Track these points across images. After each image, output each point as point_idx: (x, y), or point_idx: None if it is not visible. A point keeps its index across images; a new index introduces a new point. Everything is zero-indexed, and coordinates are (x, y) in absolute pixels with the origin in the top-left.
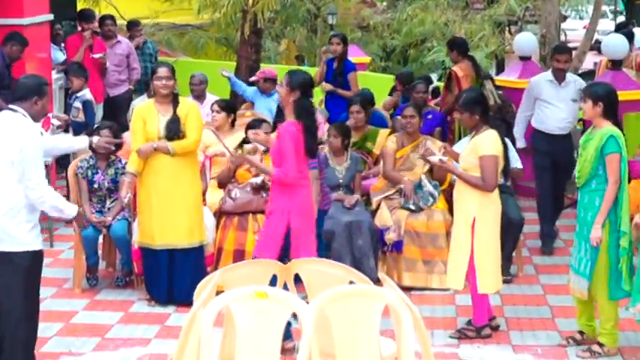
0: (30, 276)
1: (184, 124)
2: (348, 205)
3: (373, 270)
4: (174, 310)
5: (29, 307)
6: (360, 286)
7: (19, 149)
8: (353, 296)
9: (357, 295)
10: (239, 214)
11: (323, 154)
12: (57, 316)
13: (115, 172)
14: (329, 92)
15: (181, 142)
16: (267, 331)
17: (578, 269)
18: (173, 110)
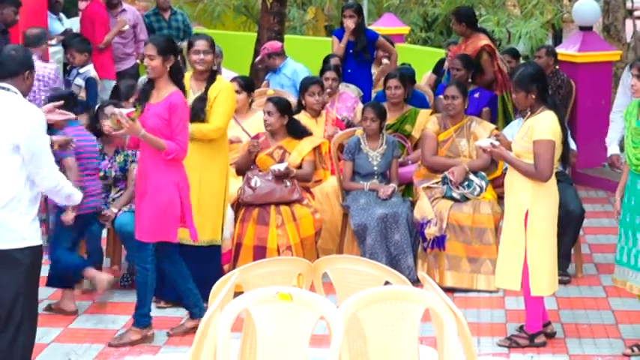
0: (31, 275)
1: (210, 107)
2: (383, 196)
3: (412, 269)
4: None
5: (30, 309)
6: (396, 288)
7: (25, 136)
8: (389, 299)
9: (393, 297)
10: (259, 205)
11: (355, 138)
12: (55, 320)
13: (125, 159)
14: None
15: (201, 126)
16: (291, 338)
17: (629, 263)
18: (205, 89)
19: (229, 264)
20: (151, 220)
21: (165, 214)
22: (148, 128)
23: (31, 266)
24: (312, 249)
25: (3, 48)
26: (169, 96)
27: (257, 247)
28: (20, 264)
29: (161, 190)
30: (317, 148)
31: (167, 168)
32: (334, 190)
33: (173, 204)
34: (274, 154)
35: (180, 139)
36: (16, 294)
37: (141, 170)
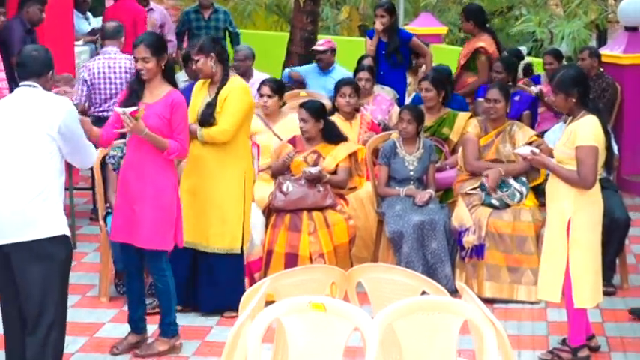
0: (65, 270)
1: (220, 109)
2: (419, 202)
3: (449, 278)
4: (216, 323)
5: (62, 307)
6: (434, 298)
7: (62, 122)
8: (426, 309)
9: (430, 308)
10: (291, 211)
11: (391, 142)
12: (80, 329)
13: None
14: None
15: (209, 130)
16: (324, 350)
17: None
18: (215, 94)
19: (260, 272)
20: (153, 224)
21: (165, 218)
22: (149, 127)
23: (65, 260)
24: (345, 257)
25: (24, 49)
26: (168, 94)
27: (288, 255)
28: (54, 258)
29: (163, 193)
30: (353, 155)
31: (166, 169)
32: (369, 196)
33: (172, 207)
34: (308, 158)
35: (181, 137)
36: (49, 291)
37: (136, 171)
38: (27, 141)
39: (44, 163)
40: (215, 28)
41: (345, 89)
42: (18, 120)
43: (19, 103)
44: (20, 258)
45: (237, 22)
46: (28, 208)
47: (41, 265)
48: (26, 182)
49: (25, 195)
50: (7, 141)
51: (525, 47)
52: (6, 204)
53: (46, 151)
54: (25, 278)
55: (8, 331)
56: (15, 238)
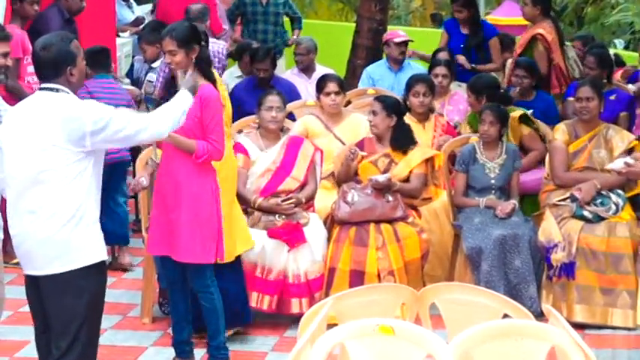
0: (96, 301)
1: None
2: (501, 214)
3: (535, 300)
4: (271, 348)
5: (92, 344)
6: (517, 322)
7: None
8: (508, 335)
9: (513, 333)
10: (357, 223)
11: (470, 146)
12: (120, 353)
13: None
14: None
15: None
16: None
17: None
18: None
19: (321, 291)
20: (191, 235)
21: (204, 228)
22: (179, 129)
23: (95, 293)
24: (417, 275)
25: (34, 47)
26: (199, 90)
27: (354, 272)
28: (83, 291)
29: (200, 201)
30: (429, 161)
31: (203, 174)
32: (444, 207)
33: (211, 216)
34: (379, 162)
35: (213, 137)
36: (79, 326)
37: (170, 178)
38: (51, 159)
39: (73, 184)
40: (274, 14)
41: (418, 87)
42: (38, 135)
43: (40, 110)
44: (49, 290)
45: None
46: (58, 237)
47: (70, 299)
48: (54, 207)
49: (55, 222)
50: (27, 160)
51: (622, 39)
52: (33, 232)
53: (74, 169)
54: (53, 311)
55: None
56: (45, 270)
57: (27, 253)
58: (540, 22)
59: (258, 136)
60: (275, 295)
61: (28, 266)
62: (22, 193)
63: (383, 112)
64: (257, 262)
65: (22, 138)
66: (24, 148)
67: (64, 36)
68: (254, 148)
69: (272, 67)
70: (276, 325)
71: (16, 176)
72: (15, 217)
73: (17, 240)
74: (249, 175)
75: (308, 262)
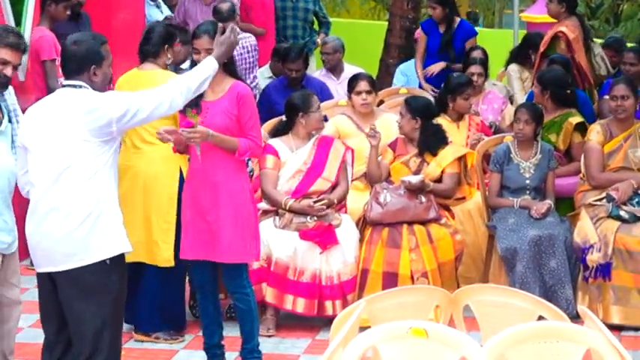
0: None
1: None
2: (536, 215)
3: (570, 302)
4: (303, 351)
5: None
6: (552, 324)
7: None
8: (543, 337)
9: (548, 335)
10: (390, 224)
11: (504, 146)
12: (152, 356)
13: None
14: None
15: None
16: None
17: None
18: None
19: (353, 293)
20: (231, 235)
21: (244, 227)
22: (216, 128)
23: (117, 289)
24: (451, 277)
25: (66, 41)
26: (232, 88)
27: (387, 274)
28: (104, 288)
29: (239, 199)
30: (462, 160)
31: (239, 172)
32: (478, 207)
33: (250, 215)
34: (410, 162)
35: (253, 134)
36: (101, 328)
37: (205, 179)
38: (76, 153)
39: (93, 180)
40: (304, 10)
41: (467, 90)
42: (63, 131)
43: (62, 107)
44: (68, 287)
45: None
46: (77, 234)
47: (90, 297)
48: (73, 205)
49: (73, 219)
50: (53, 157)
51: None
52: (53, 231)
53: (97, 163)
54: (74, 311)
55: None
56: (63, 266)
57: (45, 251)
58: (564, 20)
59: (290, 137)
60: (309, 298)
61: (45, 264)
62: (45, 192)
63: (408, 114)
64: (289, 264)
65: (46, 135)
66: (49, 145)
67: (97, 36)
68: (285, 149)
69: (304, 67)
70: (308, 327)
71: (42, 174)
72: (34, 216)
73: (35, 239)
74: (280, 176)
75: (340, 263)
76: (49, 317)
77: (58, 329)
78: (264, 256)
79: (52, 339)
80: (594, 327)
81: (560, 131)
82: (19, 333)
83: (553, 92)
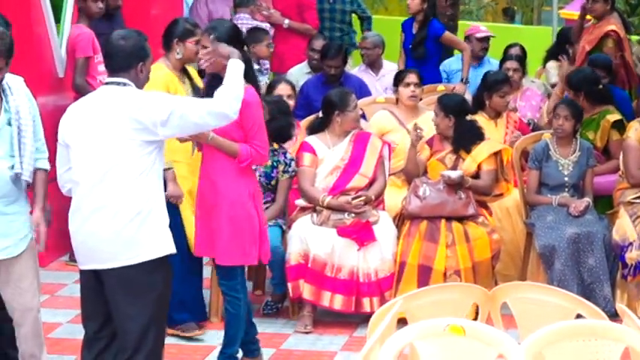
0: (164, 299)
1: None
2: (575, 212)
3: (609, 300)
4: (340, 348)
5: (155, 342)
6: (590, 322)
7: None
8: (581, 335)
9: (586, 333)
10: (428, 218)
11: (543, 143)
12: (189, 353)
13: (273, 165)
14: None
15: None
16: None
17: None
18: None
19: (390, 290)
20: (228, 238)
21: (241, 231)
22: (219, 132)
23: (162, 289)
24: (488, 275)
25: (111, 36)
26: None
27: (422, 267)
28: (150, 287)
29: (237, 204)
30: (498, 156)
31: (241, 177)
32: (516, 204)
33: (250, 219)
34: (446, 159)
35: (257, 142)
36: (147, 325)
37: (209, 181)
38: (122, 153)
39: (141, 179)
40: (341, 12)
41: (505, 88)
42: (109, 130)
43: (108, 104)
44: (115, 285)
45: (368, 6)
46: (125, 232)
47: (137, 295)
48: (121, 204)
49: (121, 218)
50: (98, 156)
51: None
52: (100, 230)
53: (143, 163)
54: (120, 308)
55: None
56: (110, 264)
57: (91, 249)
58: (609, 18)
59: (326, 134)
60: (347, 295)
61: (90, 261)
62: (91, 190)
63: (441, 112)
64: (327, 260)
65: (91, 134)
66: (94, 143)
67: (140, 32)
68: (321, 146)
69: (343, 64)
70: (346, 324)
71: (87, 172)
72: (78, 214)
73: (80, 237)
74: (317, 173)
75: (378, 260)
76: (92, 314)
77: (100, 326)
78: (301, 253)
79: (93, 335)
80: (633, 325)
81: (598, 129)
82: (57, 329)
83: (586, 92)
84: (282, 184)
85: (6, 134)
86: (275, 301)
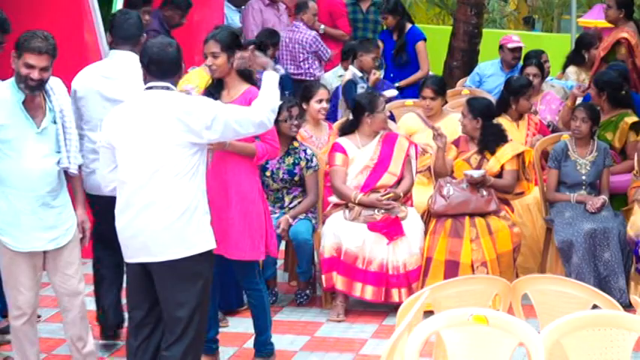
0: (208, 287)
1: None
2: (592, 209)
3: (623, 292)
4: (370, 335)
5: (203, 327)
6: (606, 312)
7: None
8: (597, 325)
9: (602, 323)
10: (453, 216)
11: (562, 144)
12: (230, 340)
13: (295, 162)
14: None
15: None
16: None
17: None
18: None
19: (418, 282)
20: (241, 233)
21: (253, 226)
22: None
23: (206, 279)
24: (509, 267)
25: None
26: (245, 93)
27: (449, 262)
28: (197, 277)
29: (248, 199)
30: (520, 157)
31: (248, 174)
32: (536, 201)
33: (260, 214)
34: (471, 159)
35: (269, 137)
36: (193, 310)
37: (218, 180)
38: (169, 154)
39: (188, 177)
40: (374, 22)
41: (528, 91)
42: (156, 132)
43: (154, 107)
44: (165, 276)
45: None
46: (174, 227)
47: (186, 285)
48: (170, 200)
49: (171, 213)
50: (146, 156)
51: None
52: (150, 225)
53: (189, 163)
54: (169, 298)
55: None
56: (161, 257)
57: (142, 243)
58: (623, 26)
59: (356, 135)
60: (377, 286)
61: (139, 255)
62: (139, 189)
63: (469, 114)
64: (358, 254)
65: (138, 135)
66: (141, 144)
67: (174, 40)
68: (352, 146)
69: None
70: (376, 313)
71: (135, 172)
72: (127, 212)
73: (127, 233)
74: (348, 172)
75: (406, 254)
76: (138, 303)
77: (146, 314)
78: (334, 246)
79: (139, 323)
80: None
81: (617, 130)
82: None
83: (609, 94)
84: (310, 179)
85: (52, 132)
86: (301, 289)
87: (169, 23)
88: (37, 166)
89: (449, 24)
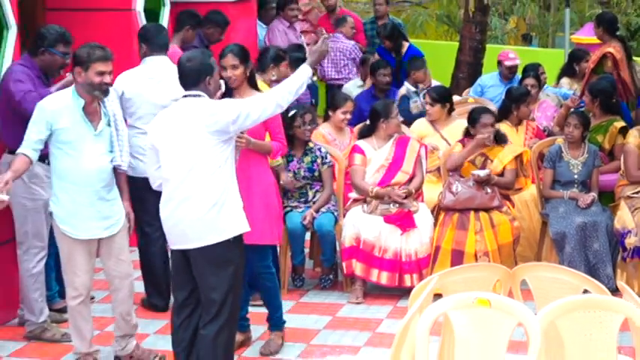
0: (240, 271)
1: None
2: (583, 205)
3: (611, 278)
4: (386, 316)
5: (235, 308)
6: (595, 296)
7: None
8: (587, 307)
9: (592, 306)
10: (459, 210)
11: (557, 146)
12: (259, 319)
13: (312, 160)
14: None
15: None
16: (489, 343)
17: None
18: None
19: (428, 268)
20: (263, 221)
21: (272, 214)
22: (251, 133)
23: (238, 264)
24: (509, 256)
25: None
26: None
27: (455, 251)
28: (229, 262)
29: (267, 191)
30: (519, 157)
31: (266, 169)
32: (533, 198)
33: (276, 206)
34: (476, 160)
35: (280, 136)
36: (226, 293)
37: (242, 173)
38: (202, 151)
39: (219, 172)
40: None
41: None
42: (190, 133)
43: (187, 114)
44: (200, 261)
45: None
46: (207, 216)
47: (219, 269)
48: (204, 193)
49: (204, 204)
50: (183, 155)
51: None
52: (187, 215)
53: (220, 158)
54: (204, 281)
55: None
56: (196, 244)
57: (181, 232)
58: (610, 42)
59: (373, 139)
60: (391, 272)
61: (179, 242)
62: (179, 184)
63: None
64: (375, 243)
65: (175, 138)
66: (178, 146)
67: (204, 51)
68: (369, 148)
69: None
70: (391, 296)
71: (174, 170)
72: (169, 204)
73: (170, 222)
74: (366, 171)
75: (417, 243)
76: (180, 285)
77: (187, 295)
78: (354, 236)
79: (181, 303)
80: (631, 299)
81: (606, 133)
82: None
83: (602, 101)
84: (326, 174)
85: (106, 134)
86: (325, 274)
87: (210, 40)
88: (94, 164)
89: (455, 40)
